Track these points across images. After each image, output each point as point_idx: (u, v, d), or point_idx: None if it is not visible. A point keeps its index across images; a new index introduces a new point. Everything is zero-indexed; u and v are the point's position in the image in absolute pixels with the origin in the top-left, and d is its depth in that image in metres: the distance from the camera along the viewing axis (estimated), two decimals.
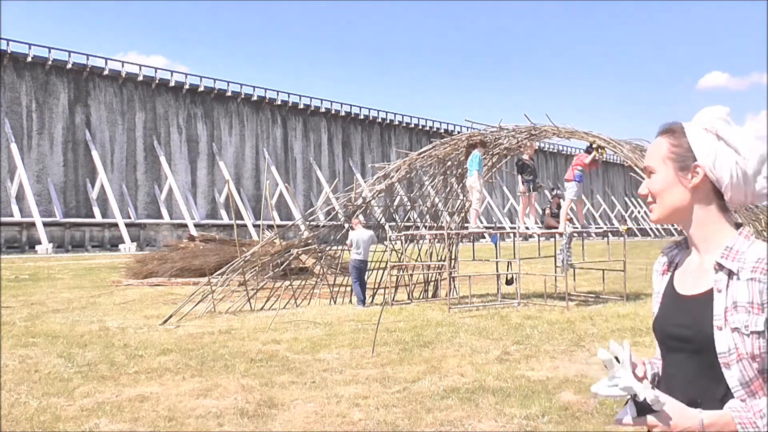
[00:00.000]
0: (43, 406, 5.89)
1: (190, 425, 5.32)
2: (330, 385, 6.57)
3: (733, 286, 1.43)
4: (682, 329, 1.49)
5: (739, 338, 1.39)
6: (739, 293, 1.41)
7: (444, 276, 14.51)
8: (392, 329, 9.91)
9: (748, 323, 1.39)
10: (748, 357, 1.38)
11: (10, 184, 52.25)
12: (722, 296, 1.43)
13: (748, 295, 1.40)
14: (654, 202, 1.55)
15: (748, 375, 1.39)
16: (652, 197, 1.55)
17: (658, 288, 1.64)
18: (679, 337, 1.49)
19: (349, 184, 40.37)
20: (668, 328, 1.53)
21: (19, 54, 54.35)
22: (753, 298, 1.39)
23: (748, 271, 1.41)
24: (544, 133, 14.52)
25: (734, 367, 1.39)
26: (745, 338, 1.38)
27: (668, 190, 1.52)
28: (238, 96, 69.40)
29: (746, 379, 1.39)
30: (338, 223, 15.24)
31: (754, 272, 1.40)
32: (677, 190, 1.51)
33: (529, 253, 17.02)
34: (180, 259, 20.43)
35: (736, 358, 1.39)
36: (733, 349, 1.39)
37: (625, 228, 32.42)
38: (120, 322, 11.13)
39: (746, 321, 1.39)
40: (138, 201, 60.63)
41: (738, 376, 1.39)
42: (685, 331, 1.48)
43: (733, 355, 1.39)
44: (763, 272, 1.40)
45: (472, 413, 5.51)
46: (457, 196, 15.99)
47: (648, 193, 1.55)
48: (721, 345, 1.40)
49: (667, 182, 1.52)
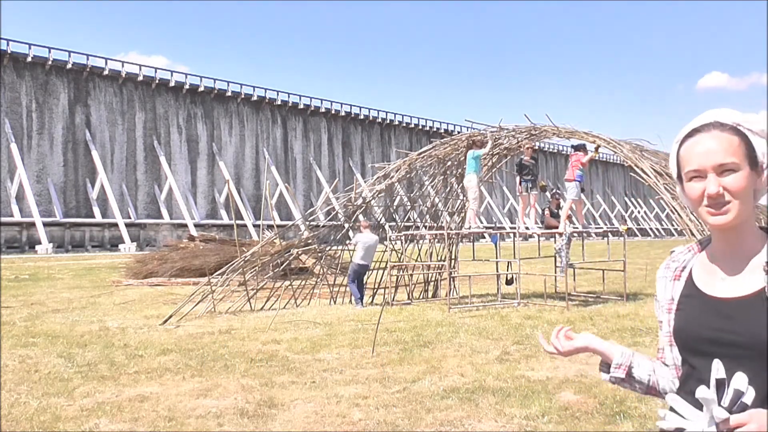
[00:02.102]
0: (43, 406, 5.88)
1: (190, 425, 5.32)
2: (330, 385, 6.57)
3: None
4: (727, 334, 1.42)
5: None
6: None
7: (444, 276, 14.51)
8: (392, 329, 9.91)
9: None
10: None
11: (10, 184, 52.27)
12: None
13: None
14: (726, 203, 1.43)
15: None
16: (732, 197, 1.42)
17: (669, 295, 1.57)
18: (720, 342, 1.42)
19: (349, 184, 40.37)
20: (704, 332, 1.45)
21: (19, 54, 54.40)
22: None
23: None
24: (544, 133, 14.51)
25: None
26: None
27: (749, 188, 1.44)
28: (238, 96, 69.43)
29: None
30: (338, 223, 15.24)
31: None
32: (750, 190, 1.45)
33: (529, 253, 17.03)
34: (180, 259, 20.43)
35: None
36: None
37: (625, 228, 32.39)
38: (120, 322, 11.13)
39: None
40: (138, 201, 60.66)
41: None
42: (729, 335, 1.41)
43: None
44: None
45: (472, 413, 5.51)
46: (457, 196, 16.00)
47: (723, 192, 1.42)
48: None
49: (749, 181, 1.43)
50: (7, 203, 51.75)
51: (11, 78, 54.13)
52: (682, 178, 1.50)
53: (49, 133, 55.79)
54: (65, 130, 56.69)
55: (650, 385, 1.62)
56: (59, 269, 26.22)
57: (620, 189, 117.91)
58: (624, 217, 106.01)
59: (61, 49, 56.97)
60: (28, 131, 54.56)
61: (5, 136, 52.56)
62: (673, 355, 1.56)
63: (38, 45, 55.84)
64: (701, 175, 1.45)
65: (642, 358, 1.64)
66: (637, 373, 1.62)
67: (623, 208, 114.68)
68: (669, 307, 1.56)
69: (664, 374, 1.61)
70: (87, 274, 23.22)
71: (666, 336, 1.57)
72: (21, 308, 13.29)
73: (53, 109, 56.34)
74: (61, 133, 56.42)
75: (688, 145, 1.49)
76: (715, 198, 1.42)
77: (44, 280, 21.07)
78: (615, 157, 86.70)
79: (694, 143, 1.47)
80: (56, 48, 56.65)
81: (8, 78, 53.85)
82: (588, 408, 5.56)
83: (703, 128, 1.48)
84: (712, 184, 1.42)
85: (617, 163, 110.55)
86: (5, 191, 52.07)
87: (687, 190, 1.49)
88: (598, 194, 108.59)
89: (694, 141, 1.48)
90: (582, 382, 6.48)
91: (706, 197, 1.43)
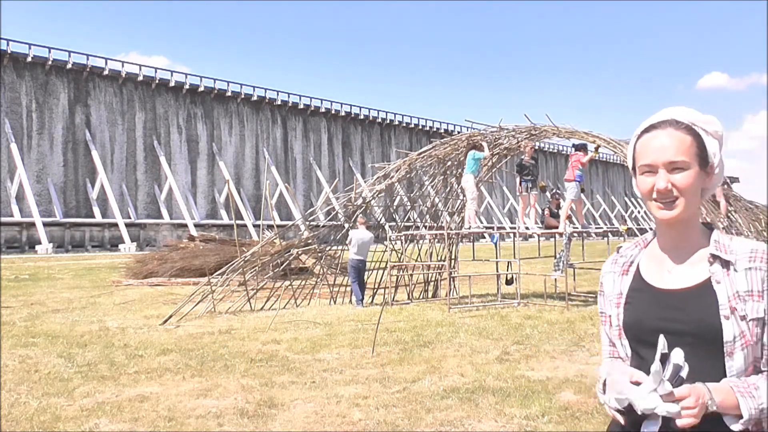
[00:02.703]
0: (43, 406, 5.89)
1: (190, 425, 5.32)
2: (330, 385, 6.57)
3: (731, 277, 1.48)
4: (675, 323, 1.49)
5: (745, 326, 1.44)
6: (738, 283, 1.46)
7: (444, 276, 14.51)
8: (392, 329, 9.91)
9: (751, 311, 1.45)
10: (752, 344, 1.45)
11: (10, 184, 52.26)
12: (723, 286, 1.47)
13: (747, 284, 1.46)
14: (673, 198, 1.50)
15: (748, 362, 1.45)
16: (679, 193, 1.49)
17: (617, 289, 1.62)
18: (670, 331, 1.48)
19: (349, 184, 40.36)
20: (654, 323, 1.51)
21: (19, 54, 54.38)
22: (752, 286, 1.46)
23: (745, 261, 1.47)
24: (544, 133, 14.52)
25: (738, 355, 1.44)
26: (749, 325, 1.44)
27: (696, 186, 1.51)
28: (238, 96, 69.41)
29: (745, 366, 1.45)
30: (338, 223, 15.24)
31: (753, 261, 1.47)
32: (698, 188, 1.52)
33: (529, 253, 17.02)
34: (180, 259, 20.43)
35: (742, 346, 1.44)
36: (738, 337, 1.44)
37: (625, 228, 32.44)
38: (120, 322, 11.13)
39: (748, 309, 1.45)
40: (138, 201, 60.65)
41: (739, 364, 1.45)
42: (679, 325, 1.48)
43: (738, 343, 1.44)
44: (762, 260, 1.47)
45: (472, 413, 5.51)
46: (457, 196, 16.00)
47: (671, 188, 1.49)
48: (728, 334, 1.44)
49: (696, 179, 1.50)
50: (7, 203, 51.74)
51: (11, 78, 54.11)
52: (636, 171, 1.56)
53: (49, 133, 55.77)
54: (65, 130, 56.67)
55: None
56: (59, 269, 26.22)
57: (620, 189, 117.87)
58: (624, 217, 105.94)
59: (61, 49, 56.95)
60: (28, 131, 54.55)
61: (5, 136, 52.54)
62: (624, 347, 1.61)
63: (38, 45, 55.84)
64: (653, 170, 1.51)
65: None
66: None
67: (623, 208, 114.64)
68: (618, 301, 1.61)
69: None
70: (87, 274, 23.21)
71: (615, 329, 1.62)
72: (21, 308, 13.29)
73: (53, 109, 56.33)
74: (61, 133, 56.40)
75: (644, 140, 1.55)
76: (664, 193, 1.49)
77: (44, 280, 21.07)
78: (615, 157, 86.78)
79: (650, 138, 1.54)
80: (56, 48, 56.63)
81: (8, 78, 53.83)
82: (588, 408, 5.56)
83: (659, 125, 1.54)
84: (661, 179, 1.49)
85: (617, 163, 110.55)
86: (5, 191, 52.06)
87: (639, 183, 1.56)
88: (598, 194, 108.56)
89: (650, 136, 1.54)
90: (582, 382, 6.48)
91: (656, 192, 1.50)
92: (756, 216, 13.99)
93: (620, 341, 1.61)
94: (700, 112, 1.57)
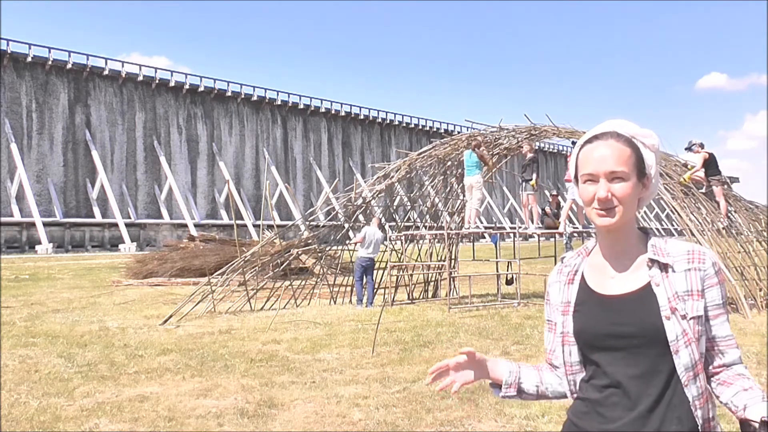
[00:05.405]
0: (43, 406, 5.89)
1: (190, 425, 5.32)
2: (330, 385, 6.57)
3: (670, 278, 1.55)
4: (622, 327, 1.55)
5: (686, 324, 1.52)
6: (677, 284, 1.55)
7: (444, 276, 14.51)
8: (392, 329, 9.92)
9: (690, 310, 1.53)
10: (695, 341, 1.52)
11: (10, 184, 52.27)
12: (662, 289, 1.55)
13: (686, 285, 1.54)
14: (613, 207, 1.56)
15: (694, 359, 1.52)
16: (618, 202, 1.56)
17: (564, 298, 1.68)
18: (619, 335, 1.55)
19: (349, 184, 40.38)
20: (604, 328, 1.58)
21: (19, 54, 54.39)
22: (692, 286, 1.54)
23: (684, 263, 1.56)
24: (544, 133, 14.53)
25: (683, 352, 1.52)
26: (690, 323, 1.52)
27: (634, 196, 1.58)
28: (238, 96, 69.42)
29: (692, 363, 1.52)
30: (338, 223, 15.24)
31: (691, 262, 1.56)
32: (635, 197, 1.59)
33: (529, 253, 17.03)
34: (180, 259, 20.43)
35: (686, 343, 1.51)
36: (681, 336, 1.51)
37: None
38: (120, 322, 11.14)
39: (688, 308, 1.53)
40: (138, 201, 60.66)
41: (686, 360, 1.51)
42: (626, 328, 1.55)
43: (681, 341, 1.51)
44: (701, 261, 1.56)
45: (472, 413, 5.51)
46: (457, 196, 16.00)
47: (611, 197, 1.55)
48: (671, 333, 1.52)
49: (634, 189, 1.58)
50: (7, 203, 51.75)
51: (11, 78, 54.12)
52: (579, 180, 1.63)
53: (49, 133, 55.78)
54: (65, 130, 56.67)
55: (539, 394, 1.78)
56: (59, 269, 26.22)
57: None
58: None
59: (61, 49, 56.96)
60: (28, 131, 54.55)
61: (5, 136, 52.55)
62: (564, 354, 1.68)
63: (38, 45, 55.83)
64: (594, 179, 1.58)
65: (528, 370, 1.78)
66: (526, 387, 1.76)
67: None
68: (565, 309, 1.67)
69: (551, 380, 1.76)
70: (87, 274, 23.22)
71: (559, 337, 1.69)
72: (21, 308, 13.29)
73: (53, 109, 56.33)
74: (61, 133, 56.41)
75: (587, 150, 1.62)
76: (604, 202, 1.56)
77: (44, 280, 21.07)
78: None
79: (592, 149, 1.61)
80: (56, 48, 56.64)
81: (8, 78, 53.84)
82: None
83: (602, 136, 1.62)
84: (602, 188, 1.56)
85: None
86: (5, 191, 52.06)
87: (581, 191, 1.62)
88: None
89: (592, 147, 1.61)
90: None
91: (596, 200, 1.57)
92: (756, 216, 13.97)
93: (561, 348, 1.68)
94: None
